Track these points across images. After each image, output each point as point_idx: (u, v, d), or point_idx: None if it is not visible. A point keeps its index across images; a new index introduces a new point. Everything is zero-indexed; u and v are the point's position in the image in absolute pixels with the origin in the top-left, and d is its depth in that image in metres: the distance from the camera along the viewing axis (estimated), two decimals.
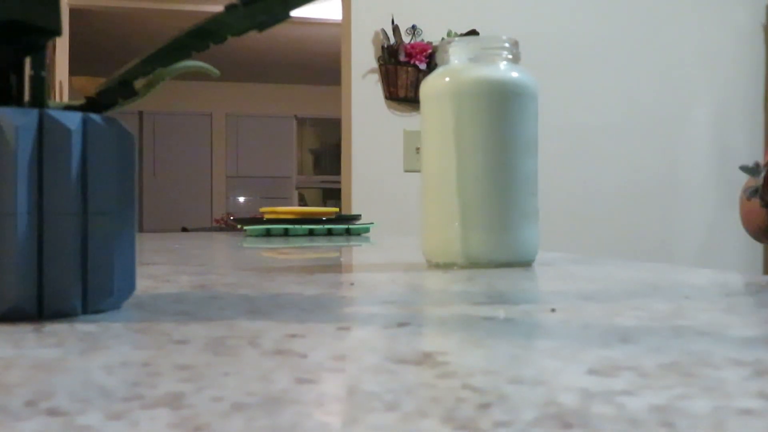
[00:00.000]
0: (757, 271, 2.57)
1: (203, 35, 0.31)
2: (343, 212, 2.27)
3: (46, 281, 0.29)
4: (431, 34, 2.33)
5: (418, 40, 2.32)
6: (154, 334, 0.26)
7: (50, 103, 0.33)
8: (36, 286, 0.29)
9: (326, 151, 7.42)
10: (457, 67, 0.59)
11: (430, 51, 2.29)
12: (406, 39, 2.32)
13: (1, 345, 0.24)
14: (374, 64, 2.33)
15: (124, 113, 6.89)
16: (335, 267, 0.59)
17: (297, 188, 7.44)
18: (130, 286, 0.33)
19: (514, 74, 0.58)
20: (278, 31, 5.29)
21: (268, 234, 1.29)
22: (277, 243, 1.05)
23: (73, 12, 4.12)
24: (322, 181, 7.47)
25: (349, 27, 2.35)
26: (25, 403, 0.17)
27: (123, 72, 0.32)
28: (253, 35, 4.99)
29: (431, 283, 0.45)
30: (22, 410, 0.16)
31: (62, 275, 0.29)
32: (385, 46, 2.30)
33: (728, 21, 2.57)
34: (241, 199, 7.34)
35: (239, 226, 1.40)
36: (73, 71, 4.33)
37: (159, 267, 0.58)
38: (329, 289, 0.41)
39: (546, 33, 2.42)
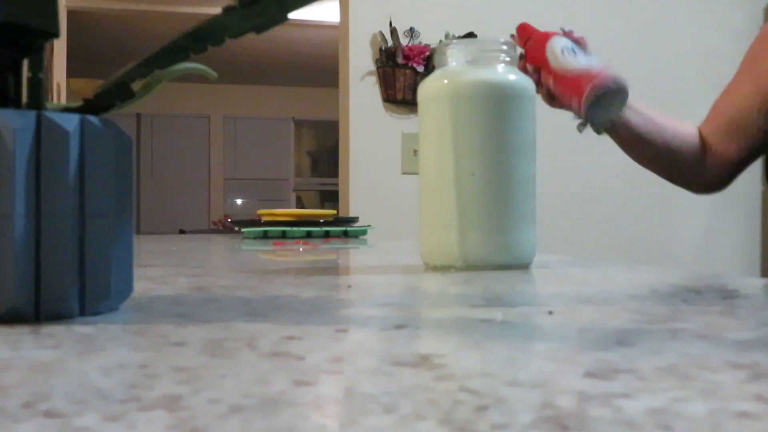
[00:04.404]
0: (754, 274, 2.57)
1: (201, 37, 0.31)
2: (341, 214, 2.27)
3: (44, 283, 0.29)
4: (429, 37, 2.33)
5: (416, 42, 2.33)
6: (151, 336, 0.26)
7: (48, 105, 0.33)
8: (33, 288, 0.29)
9: (324, 153, 7.42)
10: (455, 69, 0.59)
11: (427, 53, 2.29)
12: (404, 41, 2.32)
13: None
14: (372, 67, 2.33)
15: (122, 115, 6.88)
16: (333, 269, 0.59)
17: (295, 190, 7.43)
18: (128, 288, 0.33)
19: (512, 77, 0.58)
20: (276, 33, 5.29)
21: (265, 236, 1.29)
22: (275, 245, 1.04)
23: (71, 14, 4.12)
24: (320, 184, 7.47)
25: (346, 29, 2.35)
26: (23, 405, 0.17)
27: (121, 74, 0.32)
28: (250, 37, 4.99)
29: (429, 286, 0.45)
30: (20, 412, 0.16)
31: (59, 277, 0.29)
32: (383, 48, 2.30)
33: (726, 23, 2.58)
34: (239, 201, 7.33)
35: (237, 229, 1.40)
36: (70, 73, 4.32)
37: (156, 269, 0.58)
38: (327, 292, 0.41)
39: None
